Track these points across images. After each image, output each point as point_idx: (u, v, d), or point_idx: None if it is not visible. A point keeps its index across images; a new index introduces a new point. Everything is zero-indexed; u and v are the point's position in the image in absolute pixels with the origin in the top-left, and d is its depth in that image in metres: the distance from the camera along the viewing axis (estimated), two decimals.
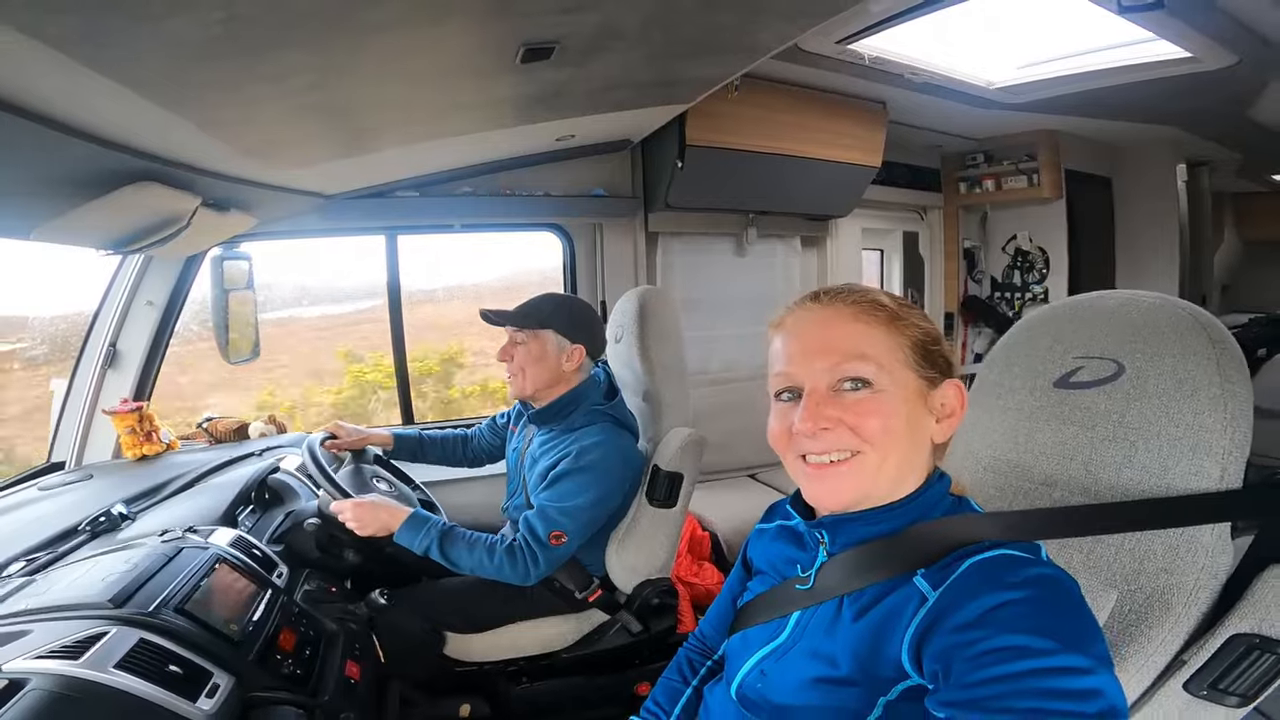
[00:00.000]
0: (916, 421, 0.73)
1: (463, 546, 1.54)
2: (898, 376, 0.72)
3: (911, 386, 0.73)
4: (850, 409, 0.71)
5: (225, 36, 0.88)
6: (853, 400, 0.72)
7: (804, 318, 0.78)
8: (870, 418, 0.71)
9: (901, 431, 0.72)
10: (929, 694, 0.61)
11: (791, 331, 0.78)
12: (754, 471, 3.38)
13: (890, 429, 0.71)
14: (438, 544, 1.53)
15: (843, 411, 0.71)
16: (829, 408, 0.72)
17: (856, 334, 0.73)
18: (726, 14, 1.38)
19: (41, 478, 1.86)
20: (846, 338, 0.73)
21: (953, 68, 2.66)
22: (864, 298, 0.75)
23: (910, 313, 0.76)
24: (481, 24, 1.16)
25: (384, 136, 1.76)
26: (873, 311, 0.74)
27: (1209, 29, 2.14)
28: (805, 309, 0.78)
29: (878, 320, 0.73)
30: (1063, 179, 3.75)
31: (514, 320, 1.67)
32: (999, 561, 0.65)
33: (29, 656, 0.87)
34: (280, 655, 1.15)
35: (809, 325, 0.77)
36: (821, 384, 0.73)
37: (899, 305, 0.76)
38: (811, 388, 0.73)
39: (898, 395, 0.72)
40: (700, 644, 1.07)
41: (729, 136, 2.69)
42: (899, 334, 0.73)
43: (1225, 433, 0.78)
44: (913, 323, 0.75)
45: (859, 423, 0.71)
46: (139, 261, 2.08)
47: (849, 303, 0.75)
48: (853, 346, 0.72)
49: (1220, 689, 0.76)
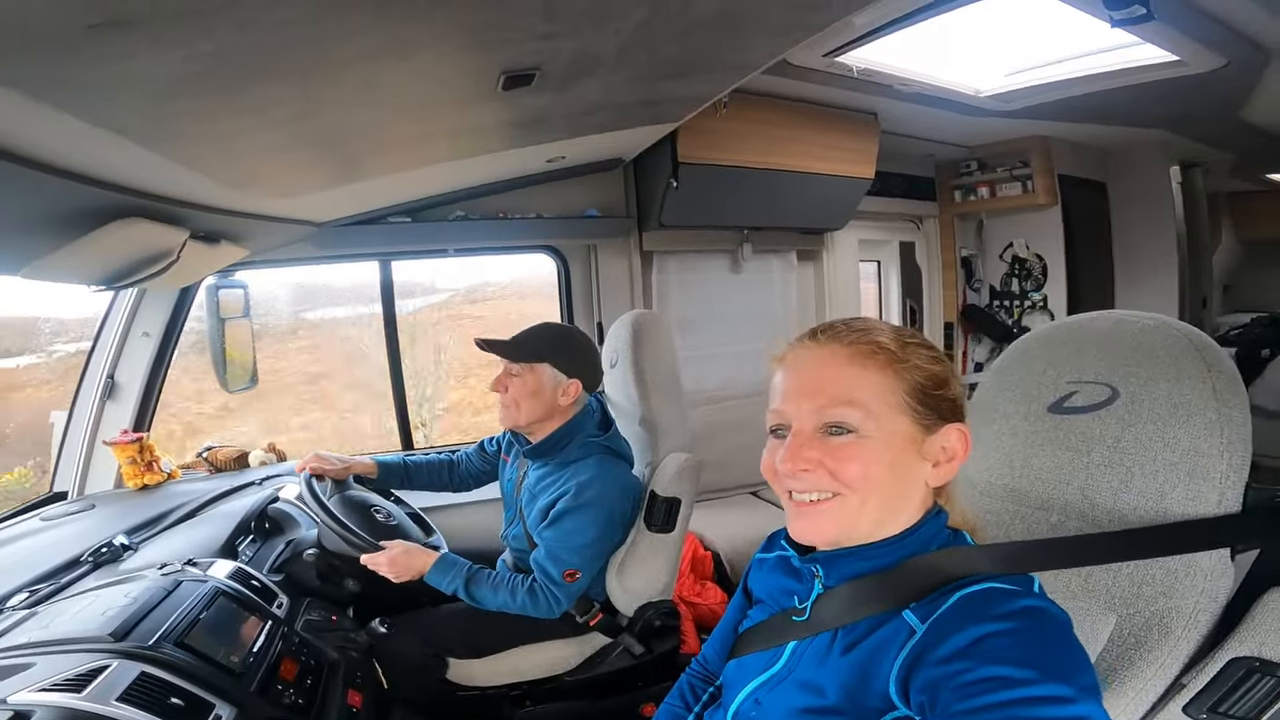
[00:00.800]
0: (904, 468, 0.72)
1: (487, 588, 1.60)
2: (886, 423, 0.71)
3: (903, 432, 0.72)
4: (831, 453, 0.71)
5: (198, 74, 0.88)
6: (836, 445, 0.71)
7: (801, 356, 0.77)
8: (850, 463, 0.70)
9: (883, 478, 0.71)
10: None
11: (789, 368, 0.77)
12: (755, 489, 3.36)
13: (869, 476, 0.71)
14: (464, 586, 1.60)
15: (824, 455, 0.71)
16: (811, 449, 0.72)
17: (849, 378, 0.72)
18: (709, 35, 1.38)
19: (44, 508, 1.87)
20: (838, 381, 0.72)
21: (942, 76, 2.66)
22: (863, 338, 0.74)
23: (914, 353, 0.74)
24: (460, 54, 1.16)
25: (371, 164, 1.76)
26: (871, 354, 0.73)
27: (1196, 33, 2.15)
28: (804, 347, 0.78)
29: (875, 363, 0.72)
30: (1057, 184, 3.75)
31: (509, 353, 1.66)
32: (987, 595, 0.66)
33: (33, 689, 0.89)
34: (282, 685, 1.16)
35: (804, 364, 0.76)
36: (808, 425, 0.73)
37: (902, 345, 0.74)
38: (797, 428, 0.73)
39: (882, 443, 0.71)
40: (703, 669, 1.07)
41: (721, 153, 2.70)
42: (896, 378, 0.72)
43: (1222, 457, 0.78)
44: (915, 365, 0.73)
45: (838, 468, 0.71)
46: (134, 293, 2.09)
47: (846, 344, 0.74)
48: (842, 391, 0.72)
49: (1220, 712, 0.76)
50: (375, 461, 1.92)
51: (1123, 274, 4.15)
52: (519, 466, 1.81)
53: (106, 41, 0.71)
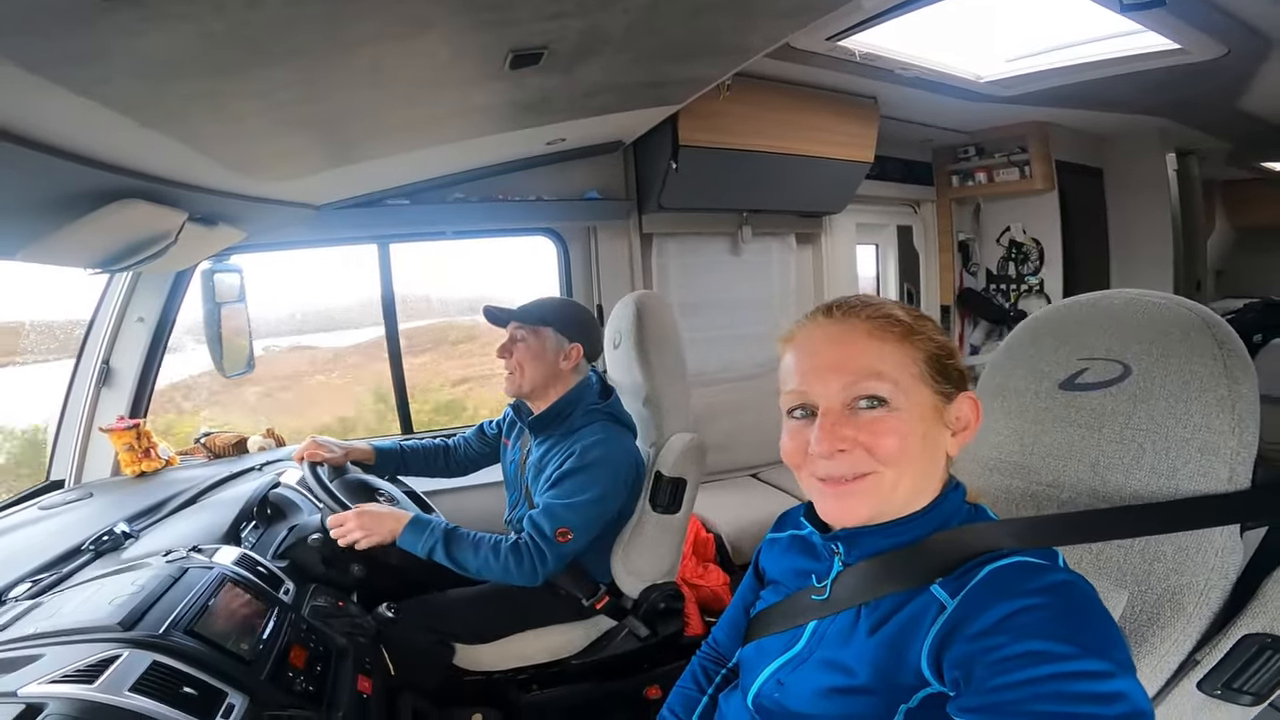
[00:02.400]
0: (932, 438, 0.72)
1: (468, 547, 1.54)
2: (913, 393, 0.71)
3: (927, 402, 0.72)
4: (866, 429, 0.70)
5: (203, 53, 0.87)
6: (869, 419, 0.70)
7: (816, 334, 0.76)
8: (887, 437, 0.70)
9: (917, 449, 0.71)
10: (950, 700, 0.61)
11: (803, 348, 0.76)
12: (756, 471, 3.36)
13: (906, 448, 0.70)
14: (442, 546, 1.52)
15: (858, 431, 0.70)
16: (845, 428, 0.70)
17: (871, 351, 0.71)
18: (716, 16, 1.37)
19: (41, 496, 1.84)
20: (861, 355, 0.71)
21: (942, 62, 2.65)
22: (878, 312, 0.74)
23: (925, 326, 0.75)
24: (468, 32, 1.15)
25: (373, 146, 1.74)
26: (888, 327, 0.72)
27: (1200, 21, 2.15)
28: (817, 324, 0.76)
29: (893, 336, 0.72)
30: (1054, 170, 3.75)
31: (515, 316, 1.69)
32: (1016, 568, 0.66)
33: (44, 681, 0.86)
34: (292, 672, 1.15)
35: (822, 342, 0.75)
36: (836, 403, 0.71)
37: (913, 319, 0.74)
38: (826, 407, 0.72)
39: (914, 413, 0.71)
40: (714, 652, 1.07)
41: (721, 136, 2.68)
42: (914, 349, 0.72)
43: (1233, 434, 0.78)
44: (927, 336, 0.73)
45: (875, 443, 0.70)
46: (128, 278, 2.06)
47: (864, 318, 0.73)
48: (868, 364, 0.71)
49: (1234, 688, 0.77)
50: (372, 447, 1.92)
51: (1118, 258, 4.17)
52: (521, 446, 1.82)
53: (120, 16, 0.70)
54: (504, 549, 1.54)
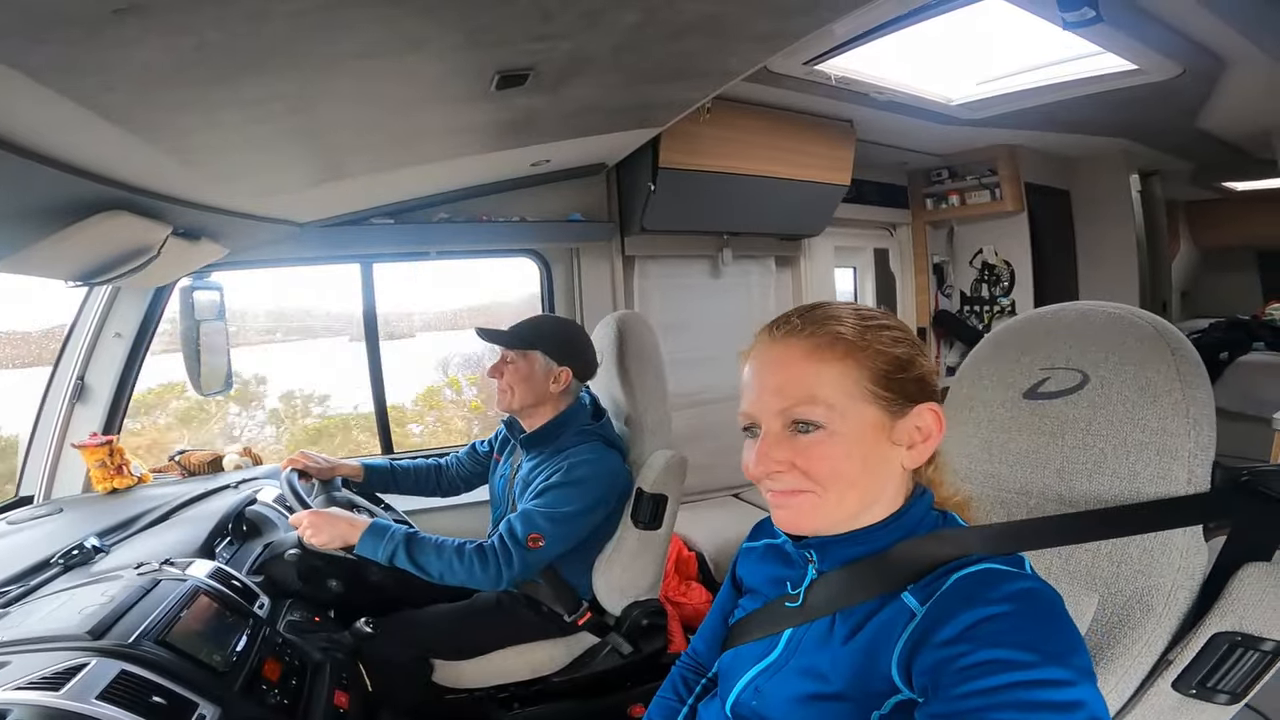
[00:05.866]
0: (876, 456, 0.72)
1: (430, 550, 1.51)
2: (852, 414, 0.70)
3: (869, 421, 0.71)
4: (801, 452, 0.71)
5: (198, 63, 0.88)
6: (805, 443, 0.71)
7: (761, 353, 0.76)
8: (820, 461, 0.70)
9: (855, 471, 0.71)
10: (918, 707, 0.62)
11: (752, 366, 0.77)
12: (737, 490, 3.39)
13: (842, 470, 0.70)
14: (404, 550, 1.49)
15: (794, 454, 0.71)
16: (780, 450, 0.71)
17: (808, 374, 0.71)
18: (696, 39, 1.40)
19: (9, 512, 1.80)
20: (798, 379, 0.71)
21: (915, 85, 2.74)
22: (820, 329, 0.73)
23: (875, 337, 0.73)
24: (456, 52, 1.17)
25: (358, 163, 1.76)
26: (829, 346, 0.72)
27: (1151, 41, 2.23)
28: (763, 343, 0.77)
29: (834, 355, 0.71)
30: (1023, 192, 3.86)
31: (504, 340, 1.70)
32: (982, 576, 0.67)
33: (8, 688, 0.86)
34: (266, 685, 1.14)
35: (765, 363, 0.75)
36: (775, 425, 0.72)
37: (861, 331, 0.73)
38: (766, 429, 0.73)
39: (851, 435, 0.70)
40: (693, 661, 1.07)
41: (701, 158, 2.73)
42: (858, 366, 0.71)
43: (1189, 436, 0.81)
44: (875, 350, 0.72)
45: (809, 466, 0.70)
46: (106, 292, 2.04)
47: (804, 337, 0.73)
48: (803, 390, 0.71)
49: (1209, 687, 0.78)
50: (361, 465, 1.90)
51: (1086, 279, 4.28)
52: (512, 462, 1.81)
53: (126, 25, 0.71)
54: (468, 551, 1.52)
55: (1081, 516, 0.87)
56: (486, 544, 1.54)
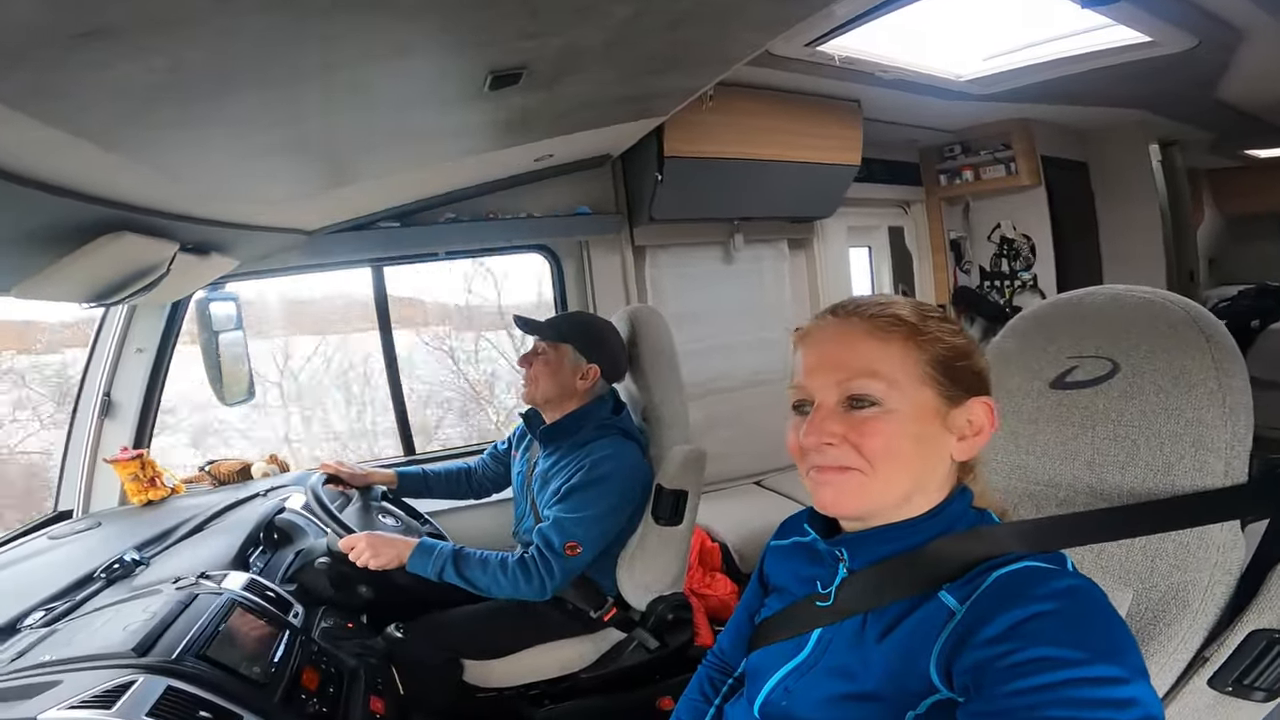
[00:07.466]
0: (929, 441, 0.72)
1: (476, 565, 1.58)
2: (911, 395, 0.70)
3: (927, 405, 0.71)
4: (855, 427, 0.70)
5: (175, 82, 0.87)
6: (859, 418, 0.70)
7: (820, 332, 0.76)
8: (874, 437, 0.70)
9: (908, 452, 0.71)
10: (960, 706, 0.61)
11: (809, 345, 0.77)
12: (759, 478, 3.35)
13: (893, 449, 0.70)
14: (452, 565, 1.56)
15: (847, 429, 0.70)
16: (834, 423, 0.71)
17: (870, 350, 0.71)
18: (693, 28, 1.37)
19: (50, 527, 1.85)
20: (859, 355, 0.72)
21: (921, 63, 2.67)
22: (883, 311, 0.73)
23: (936, 326, 0.73)
24: (446, 55, 1.16)
25: (359, 170, 1.76)
26: (890, 327, 0.72)
27: (1167, 14, 2.16)
28: (823, 322, 0.77)
29: (895, 335, 0.72)
30: (1040, 166, 3.77)
31: (537, 329, 1.74)
32: (1026, 574, 0.65)
33: (62, 707, 0.88)
34: (305, 695, 1.16)
35: (824, 340, 0.75)
36: (830, 399, 0.72)
37: (921, 318, 0.73)
38: (820, 402, 0.73)
39: (908, 414, 0.70)
40: (720, 661, 1.06)
41: (707, 145, 2.70)
42: (919, 349, 0.71)
43: (1226, 427, 0.78)
44: (936, 337, 0.72)
45: (861, 441, 0.70)
46: (125, 310, 2.06)
47: (866, 316, 0.73)
48: (864, 364, 0.71)
49: (1245, 684, 0.77)
50: (395, 473, 1.93)
51: (1109, 251, 4.18)
52: (529, 457, 1.83)
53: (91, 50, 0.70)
54: (511, 564, 1.57)
55: (1119, 511, 0.84)
56: (527, 556, 1.57)
